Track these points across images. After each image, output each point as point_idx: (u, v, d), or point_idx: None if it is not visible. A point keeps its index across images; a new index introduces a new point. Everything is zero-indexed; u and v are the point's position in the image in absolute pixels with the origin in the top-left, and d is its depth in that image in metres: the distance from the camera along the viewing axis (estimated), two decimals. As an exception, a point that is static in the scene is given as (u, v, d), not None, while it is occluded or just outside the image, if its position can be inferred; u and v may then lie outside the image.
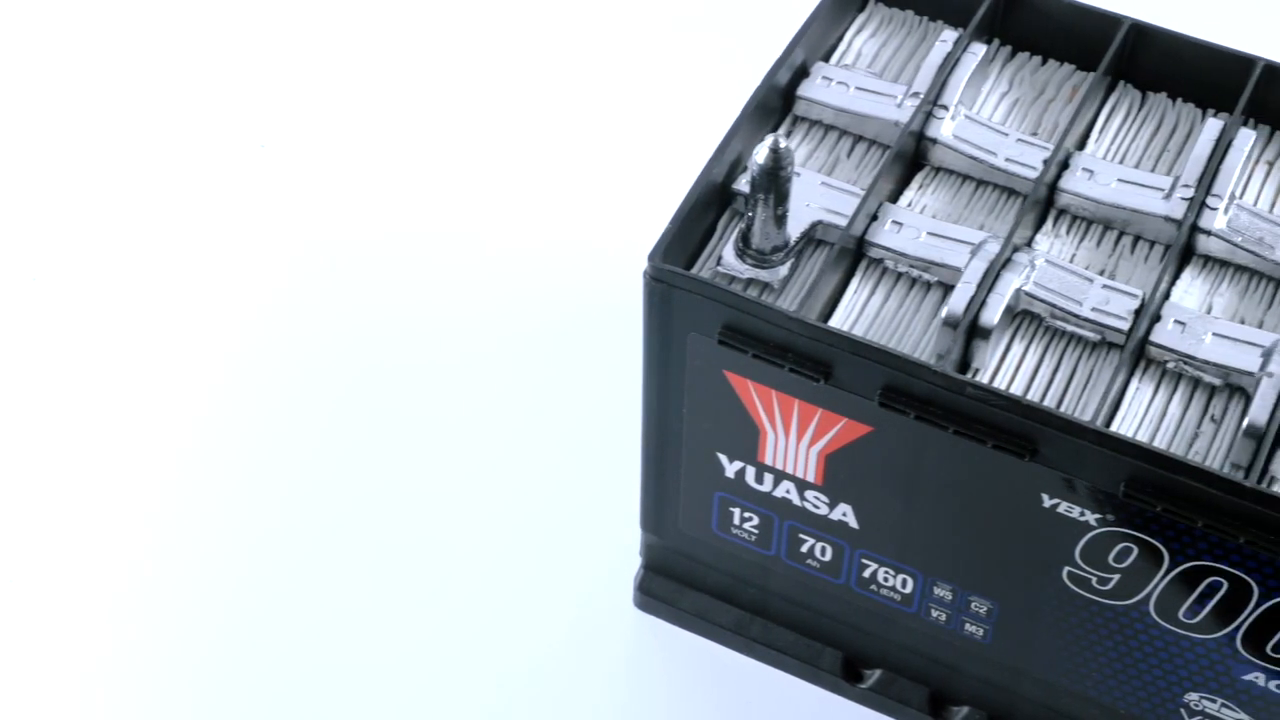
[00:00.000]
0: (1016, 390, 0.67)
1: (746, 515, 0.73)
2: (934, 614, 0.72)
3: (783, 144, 0.66)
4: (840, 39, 0.76)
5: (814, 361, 0.66)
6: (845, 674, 0.76)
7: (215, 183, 0.92)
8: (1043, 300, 0.68)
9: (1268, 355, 0.66)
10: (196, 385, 0.84)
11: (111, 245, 0.89)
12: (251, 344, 0.86)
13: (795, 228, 0.69)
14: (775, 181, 0.66)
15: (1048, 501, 0.65)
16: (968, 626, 0.71)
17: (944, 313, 0.66)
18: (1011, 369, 0.68)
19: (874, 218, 0.70)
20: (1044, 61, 0.76)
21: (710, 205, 0.70)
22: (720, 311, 0.66)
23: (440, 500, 0.81)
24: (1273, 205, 0.72)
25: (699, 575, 0.77)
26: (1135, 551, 0.65)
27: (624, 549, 0.79)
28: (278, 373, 0.85)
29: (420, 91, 0.95)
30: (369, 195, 0.91)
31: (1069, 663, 0.70)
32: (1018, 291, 0.68)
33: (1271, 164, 0.73)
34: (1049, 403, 0.67)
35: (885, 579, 0.72)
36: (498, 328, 0.86)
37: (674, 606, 0.78)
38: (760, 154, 0.66)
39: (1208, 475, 0.62)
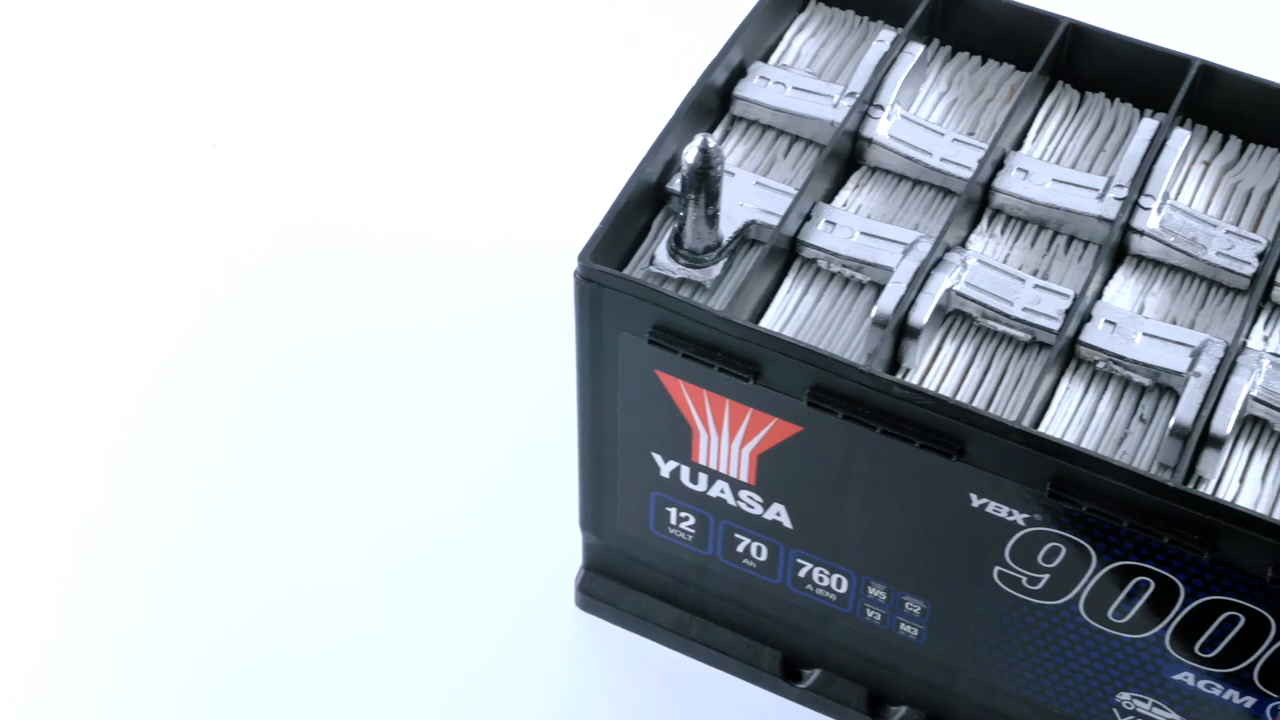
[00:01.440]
0: (947, 390, 0.67)
1: (683, 515, 0.73)
2: (869, 614, 0.72)
3: (711, 144, 0.66)
4: (780, 39, 0.76)
5: (743, 361, 0.66)
6: (784, 674, 0.76)
7: (166, 182, 0.92)
8: (974, 300, 0.68)
9: (1196, 355, 0.66)
10: (142, 382, 0.84)
11: (62, 244, 0.89)
12: (195, 342, 0.86)
13: (728, 227, 0.69)
14: (705, 181, 0.66)
15: (976, 501, 0.65)
16: (902, 626, 0.71)
17: (874, 312, 0.66)
18: (943, 369, 0.68)
19: (808, 217, 0.70)
20: (983, 61, 0.76)
21: (644, 205, 0.70)
22: (650, 311, 0.66)
23: (381, 500, 0.81)
24: (1208, 205, 0.72)
25: (639, 575, 0.77)
26: (1063, 551, 0.65)
27: (566, 549, 0.79)
28: (222, 372, 0.85)
29: (365, 92, 0.95)
30: (317, 195, 0.91)
31: (1003, 662, 0.70)
32: (949, 291, 0.68)
33: (1208, 164, 0.73)
34: (979, 402, 0.67)
35: (820, 579, 0.72)
36: (436, 327, 0.86)
37: (615, 606, 0.78)
38: (689, 154, 0.66)
39: (1132, 475, 0.62)
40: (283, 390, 0.84)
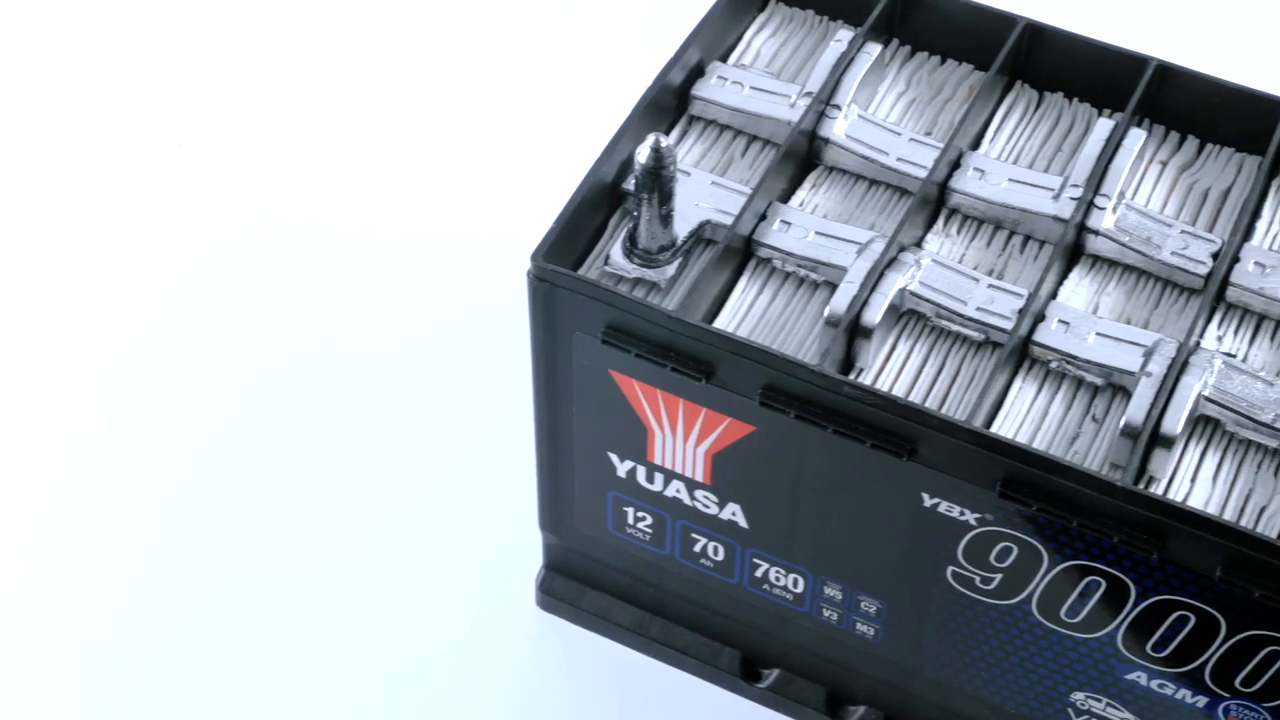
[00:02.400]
0: (900, 390, 0.67)
1: (640, 515, 0.73)
2: (826, 613, 0.72)
3: (664, 143, 0.66)
4: (740, 39, 0.76)
5: (696, 361, 0.66)
6: (744, 673, 0.76)
7: (134, 182, 0.92)
8: (928, 300, 0.68)
9: (1149, 355, 0.66)
10: (106, 380, 0.85)
11: (30, 243, 0.89)
12: (159, 341, 0.86)
13: (683, 227, 0.69)
14: (658, 181, 0.66)
15: (928, 501, 0.65)
16: (859, 626, 0.71)
17: (826, 312, 0.66)
18: (896, 368, 0.68)
19: (763, 217, 0.70)
20: (943, 61, 0.76)
21: (600, 204, 0.70)
22: (603, 311, 0.66)
23: (341, 499, 0.81)
24: (1164, 204, 0.72)
25: (598, 575, 0.77)
26: (1015, 551, 0.65)
27: (528, 548, 0.79)
28: (185, 372, 0.85)
29: (330, 92, 0.95)
30: (281, 195, 0.91)
31: (958, 662, 0.70)
32: (902, 291, 0.68)
33: (1165, 163, 0.73)
34: (933, 402, 0.67)
35: (777, 579, 0.72)
36: (398, 325, 0.86)
37: (575, 606, 0.78)
38: (642, 153, 0.66)
39: (1081, 475, 0.62)
40: (244, 390, 0.84)
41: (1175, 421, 0.64)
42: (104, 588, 0.79)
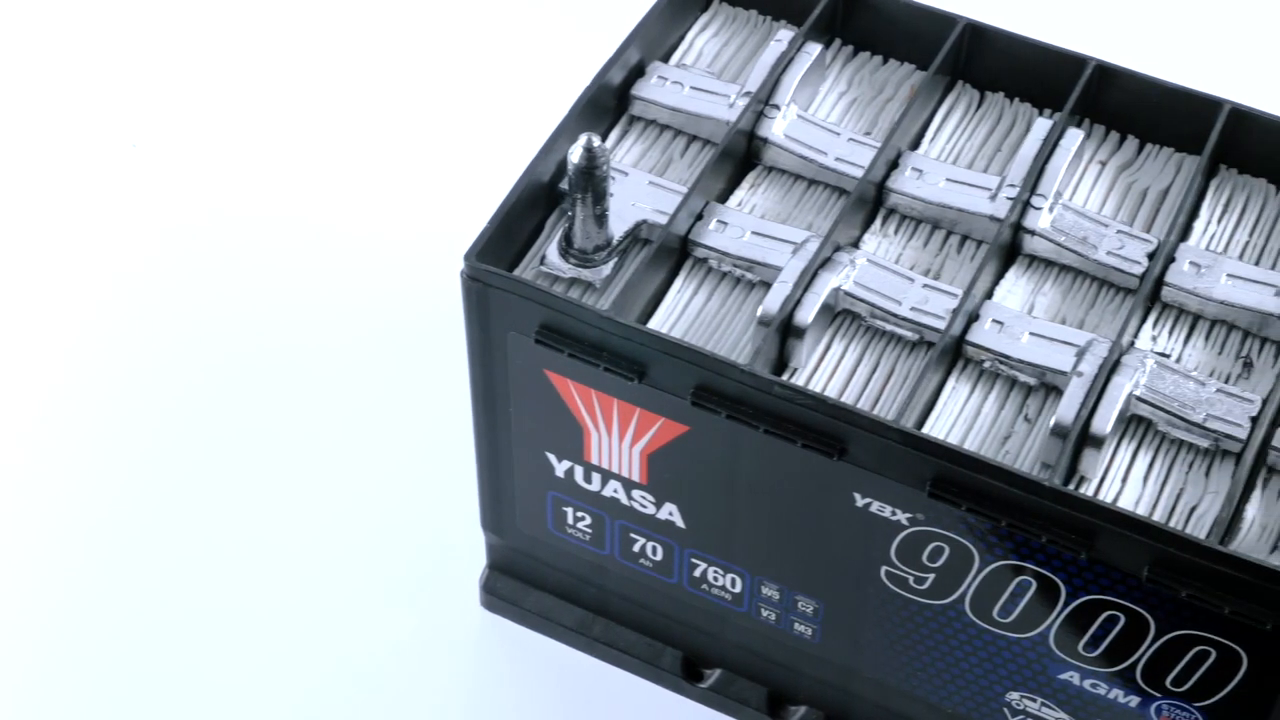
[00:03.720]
0: (834, 389, 0.67)
1: (579, 515, 0.73)
2: (764, 613, 0.72)
3: (596, 143, 0.66)
4: (682, 38, 0.76)
5: (628, 361, 0.66)
6: (685, 673, 0.76)
7: (86, 182, 0.92)
8: (862, 300, 0.68)
9: (1081, 355, 0.66)
10: (53, 378, 0.85)
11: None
12: (104, 339, 0.86)
13: (619, 227, 0.69)
14: (591, 180, 0.66)
15: (860, 501, 0.65)
16: (797, 626, 0.71)
17: (759, 312, 0.66)
18: (830, 368, 0.68)
19: (699, 217, 0.70)
20: (885, 61, 0.76)
21: (536, 204, 0.70)
22: (536, 311, 0.66)
23: (285, 498, 0.81)
24: (1103, 204, 0.72)
25: (541, 575, 0.77)
26: (947, 551, 0.65)
27: (472, 548, 0.79)
28: (132, 371, 0.85)
29: (277, 92, 0.95)
30: (233, 195, 0.91)
31: (895, 662, 0.70)
32: (836, 291, 0.68)
33: (1104, 163, 0.73)
34: (866, 402, 0.67)
35: (715, 578, 0.72)
36: (342, 325, 0.86)
37: (519, 606, 0.78)
38: (575, 153, 0.66)
39: (1009, 475, 0.62)
40: (188, 390, 0.84)
41: (1105, 421, 0.64)
42: (40, 586, 0.79)
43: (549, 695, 0.77)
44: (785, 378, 0.67)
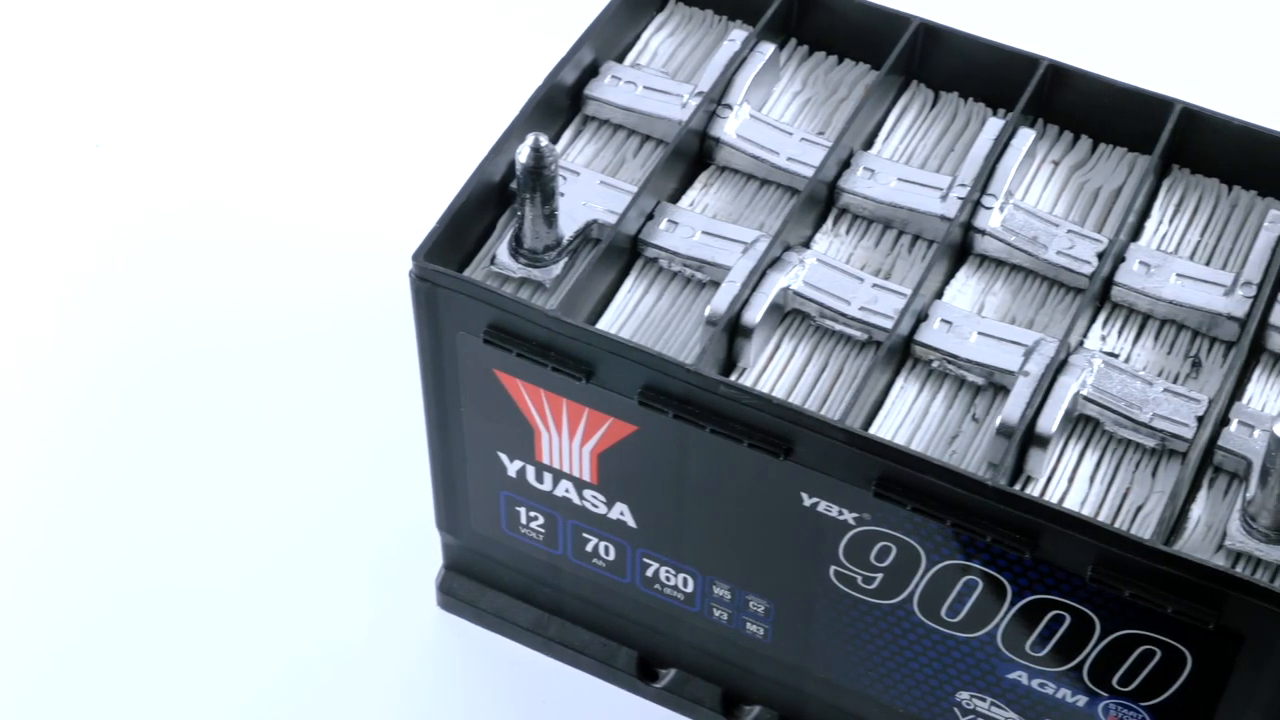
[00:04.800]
0: (782, 389, 0.67)
1: (532, 515, 0.73)
2: (716, 613, 0.72)
3: (543, 143, 0.66)
4: (638, 38, 0.76)
5: (576, 360, 0.66)
6: (640, 673, 0.76)
7: (49, 182, 0.92)
8: (811, 299, 0.68)
9: (1028, 354, 0.66)
10: (6, 377, 0.85)
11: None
12: (53, 340, 0.86)
13: (570, 227, 0.69)
14: (539, 180, 0.66)
15: (808, 500, 0.65)
16: (749, 626, 0.71)
17: (707, 311, 0.66)
18: (779, 368, 0.68)
19: (650, 217, 0.70)
20: (840, 61, 0.76)
21: (487, 204, 0.70)
22: (484, 311, 0.67)
23: (242, 500, 0.81)
24: (1055, 203, 0.72)
25: (497, 575, 0.77)
26: (894, 550, 0.65)
27: (429, 549, 0.79)
28: (84, 371, 0.85)
29: (238, 92, 0.96)
30: (190, 195, 0.91)
31: (846, 662, 0.70)
32: (785, 290, 0.68)
33: (1057, 163, 0.73)
34: (814, 401, 0.67)
35: (667, 578, 0.72)
36: (300, 324, 0.86)
37: (475, 606, 0.78)
38: (522, 153, 0.66)
39: (953, 474, 0.62)
40: (144, 389, 0.84)
41: (1050, 421, 0.64)
42: None
43: (505, 695, 0.77)
44: (734, 377, 0.67)
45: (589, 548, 0.73)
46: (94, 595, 0.79)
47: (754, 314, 0.66)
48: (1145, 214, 0.71)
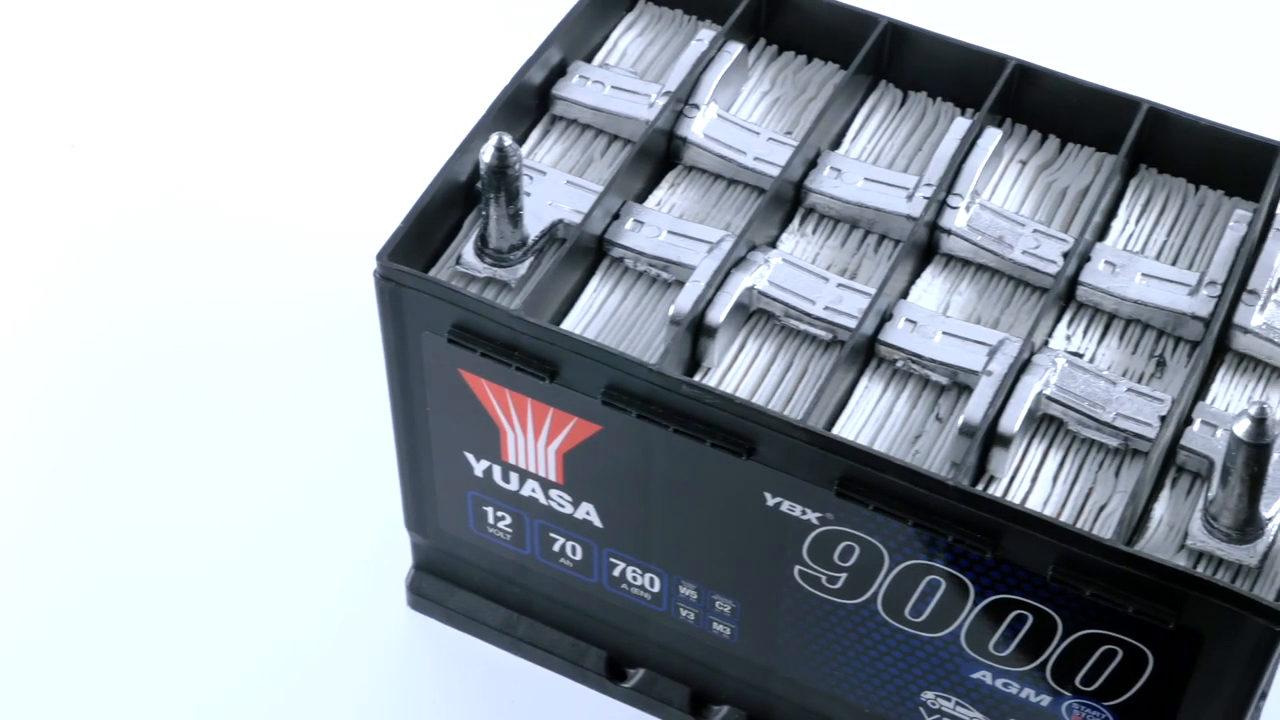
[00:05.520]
0: (746, 388, 0.67)
1: (499, 514, 0.73)
2: (683, 613, 0.72)
3: (507, 142, 0.66)
4: (606, 38, 0.76)
5: (540, 360, 0.66)
6: (609, 673, 0.76)
7: (24, 181, 0.92)
8: (775, 299, 0.68)
9: (992, 354, 0.66)
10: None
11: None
12: (22, 341, 0.86)
13: (535, 226, 0.69)
14: (503, 180, 0.66)
15: (771, 500, 0.65)
16: (715, 626, 0.71)
17: (671, 311, 0.66)
18: (744, 368, 0.68)
19: (616, 216, 0.70)
20: (809, 60, 0.76)
21: (453, 203, 0.70)
22: (448, 311, 0.67)
23: (213, 499, 0.81)
24: (1023, 203, 0.72)
25: (466, 575, 0.77)
26: (858, 550, 0.65)
27: (399, 548, 0.79)
28: (54, 371, 0.85)
29: (211, 91, 0.96)
30: (161, 195, 0.91)
31: (812, 661, 0.70)
32: (750, 290, 0.67)
33: (1025, 162, 0.73)
34: (778, 401, 0.67)
35: (634, 578, 0.72)
36: (268, 324, 0.86)
37: (444, 606, 0.78)
38: (486, 153, 0.66)
39: (914, 474, 0.62)
40: (110, 388, 0.84)
41: (1013, 421, 0.64)
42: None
43: (474, 695, 0.77)
44: (698, 377, 0.67)
45: (556, 547, 0.73)
46: (63, 597, 0.79)
47: (718, 314, 0.66)
48: (1112, 213, 0.71)
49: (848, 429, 0.66)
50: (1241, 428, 0.59)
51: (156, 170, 0.92)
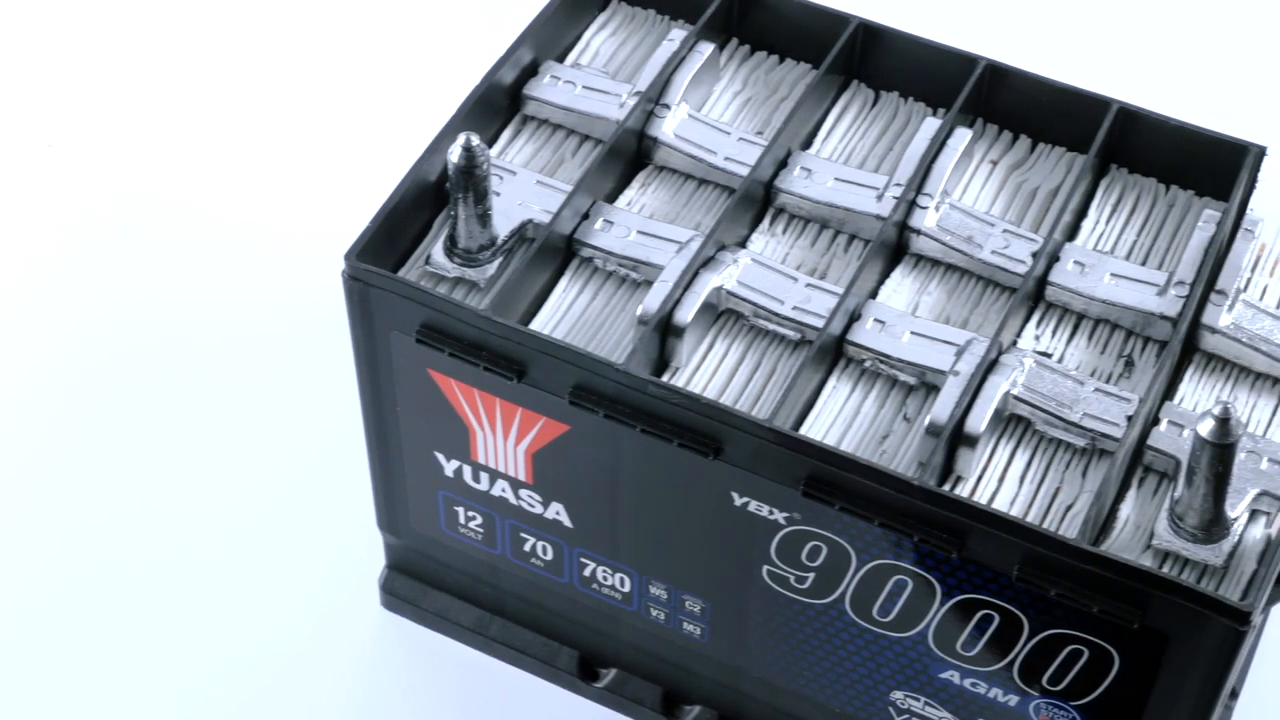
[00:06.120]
0: (715, 388, 0.67)
1: (470, 514, 0.73)
2: (653, 613, 0.72)
3: (474, 142, 0.66)
4: (579, 38, 0.76)
5: (508, 360, 0.66)
6: (581, 673, 0.76)
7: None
8: (744, 299, 0.68)
9: (960, 354, 0.66)
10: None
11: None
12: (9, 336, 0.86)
13: (505, 226, 0.69)
14: (471, 179, 0.66)
15: (738, 500, 0.65)
16: (686, 625, 0.71)
17: (639, 311, 0.66)
18: (712, 368, 0.68)
19: (586, 216, 0.70)
20: (781, 60, 0.76)
21: (423, 203, 0.70)
22: (417, 311, 0.67)
23: (186, 497, 0.81)
24: (993, 203, 0.72)
25: (438, 574, 0.77)
26: (825, 550, 0.65)
27: (372, 549, 0.79)
28: (23, 372, 0.85)
29: (191, 92, 0.96)
30: (140, 194, 0.91)
31: (782, 661, 0.70)
32: (718, 290, 0.67)
33: (996, 162, 0.73)
34: (745, 401, 0.67)
35: (604, 578, 0.72)
36: (241, 324, 0.86)
37: (417, 606, 0.78)
38: (454, 153, 0.66)
39: (880, 474, 0.62)
40: (82, 388, 0.84)
41: (979, 420, 0.64)
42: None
43: (448, 695, 0.77)
44: (666, 377, 0.67)
45: (527, 547, 0.73)
46: (34, 599, 0.79)
47: (686, 314, 0.66)
48: (1082, 213, 0.71)
49: (815, 429, 0.66)
50: (1205, 427, 0.59)
51: (133, 170, 0.92)
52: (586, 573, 0.72)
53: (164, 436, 0.83)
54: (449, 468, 0.71)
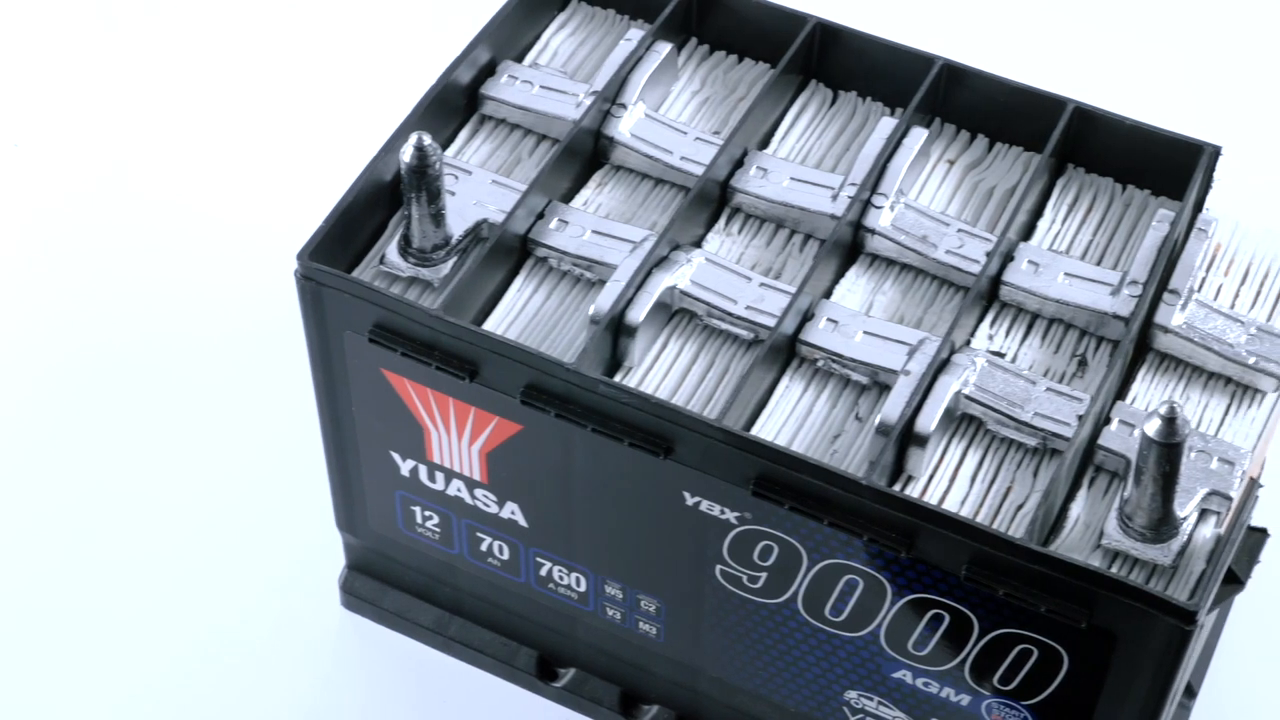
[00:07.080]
0: (667, 388, 0.67)
1: (427, 514, 0.73)
2: (609, 612, 0.72)
3: (426, 141, 0.66)
4: (538, 38, 0.76)
5: (460, 360, 0.66)
6: (540, 673, 0.76)
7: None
8: (697, 298, 0.68)
9: (912, 353, 0.66)
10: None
11: None
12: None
13: (460, 225, 0.69)
14: (424, 179, 0.66)
15: (690, 500, 0.65)
16: (641, 625, 0.71)
17: (591, 311, 0.66)
18: (665, 367, 0.67)
19: (541, 216, 0.70)
20: (740, 60, 0.76)
21: (377, 203, 0.70)
22: (369, 310, 0.67)
23: (148, 499, 0.81)
24: (950, 202, 0.72)
25: (398, 574, 0.77)
26: (776, 550, 0.65)
27: (332, 549, 0.79)
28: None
29: (161, 91, 0.96)
30: (110, 192, 0.91)
31: (736, 661, 0.70)
32: (671, 289, 0.67)
33: (953, 162, 0.73)
34: (698, 401, 0.67)
35: (560, 578, 0.72)
36: (201, 323, 0.86)
37: (377, 606, 0.78)
38: (406, 153, 0.66)
39: (829, 473, 0.62)
40: (38, 388, 0.84)
41: (929, 420, 0.64)
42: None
43: (408, 694, 0.77)
44: (619, 377, 0.67)
45: (483, 547, 0.73)
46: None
47: (638, 313, 0.66)
48: (1039, 213, 0.71)
49: (767, 428, 0.66)
50: (1152, 427, 0.59)
51: (96, 170, 0.92)
52: (543, 572, 0.72)
53: (122, 436, 0.83)
54: (405, 467, 0.71)
